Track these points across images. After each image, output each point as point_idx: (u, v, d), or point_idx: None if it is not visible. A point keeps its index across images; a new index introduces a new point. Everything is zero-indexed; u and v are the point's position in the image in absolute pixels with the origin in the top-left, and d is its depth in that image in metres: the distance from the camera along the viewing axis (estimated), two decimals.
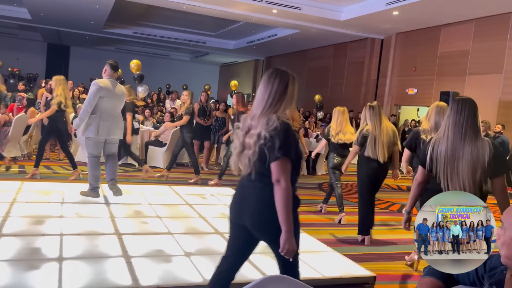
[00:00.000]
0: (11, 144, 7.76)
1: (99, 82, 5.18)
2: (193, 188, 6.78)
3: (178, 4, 12.01)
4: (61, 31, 19.07)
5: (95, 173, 5.34)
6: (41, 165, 7.41)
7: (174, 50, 23.35)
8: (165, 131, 8.74)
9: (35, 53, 22.99)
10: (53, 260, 3.35)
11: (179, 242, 4.03)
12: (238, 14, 12.75)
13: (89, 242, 3.85)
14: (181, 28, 17.64)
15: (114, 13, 14.39)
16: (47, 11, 14.96)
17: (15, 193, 5.22)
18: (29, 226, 4.11)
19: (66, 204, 5.01)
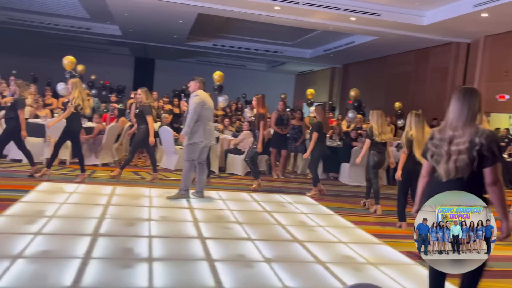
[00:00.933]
0: (104, 151, 8.40)
1: (200, 94, 5.93)
2: (272, 195, 6.86)
3: (256, 16, 12.30)
4: (147, 45, 20.32)
5: (189, 174, 5.96)
6: (129, 171, 7.94)
7: (251, 60, 23.84)
8: (244, 139, 8.96)
9: (124, 67, 24.66)
10: (143, 260, 3.59)
11: (259, 248, 4.11)
12: (315, 23, 12.75)
13: (175, 244, 4.06)
14: (258, 38, 18.00)
15: (196, 26, 15.07)
16: (135, 27, 16.04)
17: (108, 197, 5.65)
18: (121, 227, 4.43)
19: (154, 208, 5.32)
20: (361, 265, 3.93)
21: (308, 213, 5.73)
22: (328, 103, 21.28)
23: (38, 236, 3.90)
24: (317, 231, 4.95)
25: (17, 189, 5.87)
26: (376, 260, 4.06)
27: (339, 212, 6.01)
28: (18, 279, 3.01)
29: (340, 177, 9.35)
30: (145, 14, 13.51)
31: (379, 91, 17.74)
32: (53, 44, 22.55)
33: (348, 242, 4.57)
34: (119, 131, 8.86)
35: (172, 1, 11.35)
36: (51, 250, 3.61)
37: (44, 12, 15.87)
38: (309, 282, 3.43)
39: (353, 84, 17.10)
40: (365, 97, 16.43)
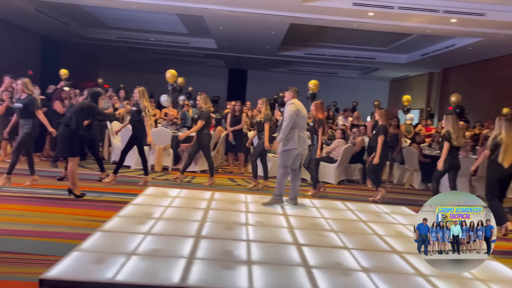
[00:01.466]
0: (202, 158, 8.86)
1: (295, 102, 6.12)
2: (366, 205, 6.73)
3: (349, 23, 12.18)
4: (241, 57, 21.05)
5: (283, 181, 6.12)
6: (225, 177, 8.29)
7: (343, 68, 23.56)
8: (336, 147, 8.89)
9: (218, 78, 25.76)
10: (243, 263, 3.74)
11: (356, 257, 4.07)
12: (412, 27, 12.28)
13: (272, 249, 4.17)
14: (350, 45, 17.76)
15: (287, 36, 15.30)
16: (230, 40, 16.73)
17: (208, 202, 5.96)
18: (221, 230, 4.65)
19: (250, 213, 5.51)
20: (468, 280, 3.70)
21: (406, 224, 5.53)
22: (425, 109, 20.26)
23: (148, 235, 4.25)
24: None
25: (127, 192, 6.44)
26: (484, 276, 3.80)
27: None
28: (133, 274, 3.31)
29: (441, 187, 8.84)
30: (239, 27, 14.05)
31: (484, 96, 16.50)
32: (155, 59, 24.35)
33: None
34: (216, 139, 9.29)
35: (265, 13, 11.68)
36: (159, 249, 3.91)
37: (148, 29, 17.21)
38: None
39: (453, 90, 16.10)
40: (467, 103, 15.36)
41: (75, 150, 5.84)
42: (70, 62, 18.71)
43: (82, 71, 20.82)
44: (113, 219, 4.73)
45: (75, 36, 18.01)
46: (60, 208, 5.38)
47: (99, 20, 16.29)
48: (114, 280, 3.17)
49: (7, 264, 3.56)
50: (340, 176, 8.94)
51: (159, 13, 14.23)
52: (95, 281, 3.13)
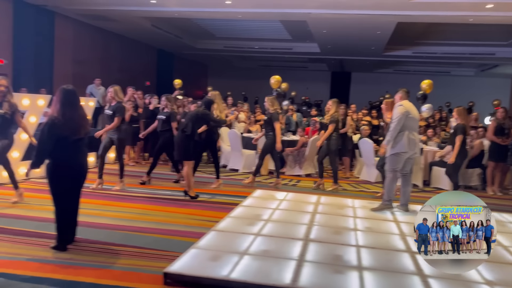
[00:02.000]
0: (307, 162, 8.91)
1: (404, 103, 5.87)
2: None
3: (463, 17, 11.35)
4: (344, 59, 20.75)
5: (392, 185, 5.92)
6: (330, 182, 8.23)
7: (456, 66, 21.98)
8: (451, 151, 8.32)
9: (321, 82, 25.66)
10: (353, 268, 3.69)
11: (478, 269, 3.78)
12: None
13: (383, 256, 4.05)
14: (464, 41, 16.52)
15: (394, 36, 14.74)
16: (333, 43, 16.59)
17: (314, 205, 5.98)
18: (329, 235, 4.64)
19: (358, 218, 5.41)
20: None
21: None
22: None
23: (258, 236, 4.40)
24: None
25: (236, 194, 6.72)
26: None
27: None
28: (246, 273, 3.46)
29: None
30: (343, 29, 13.87)
31: None
32: (259, 66, 25.05)
33: None
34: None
35: (370, 14, 11.39)
36: (270, 250, 4.03)
37: (253, 38, 17.80)
38: None
39: None
40: None
41: (190, 154, 6.25)
42: (182, 72, 20.11)
43: (192, 80, 22.24)
44: (225, 219, 4.98)
45: (187, 48, 19.28)
46: (177, 208, 5.79)
47: (208, 31, 17.24)
48: (230, 278, 3.34)
49: (135, 257, 3.93)
50: None
51: (263, 21, 14.64)
52: (212, 277, 3.33)
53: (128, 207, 5.68)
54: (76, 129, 3.92)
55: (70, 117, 3.87)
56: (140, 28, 15.17)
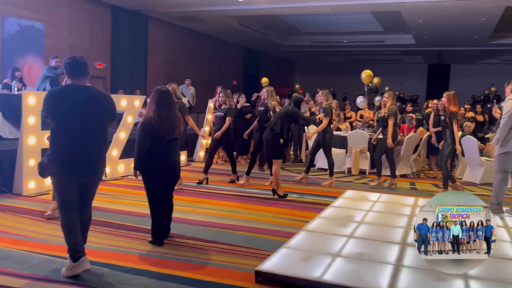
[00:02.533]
0: (402, 162, 8.56)
1: None
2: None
3: None
4: (443, 50, 19.62)
5: (502, 187, 5.51)
6: (429, 183, 7.84)
7: None
8: None
9: (416, 76, 24.53)
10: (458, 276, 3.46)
11: None
12: None
13: (492, 264, 3.75)
14: None
15: (501, 22, 13.64)
16: (430, 34, 15.77)
17: (411, 208, 5.73)
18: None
19: None
20: None
21: None
22: None
23: (351, 238, 4.32)
24: None
25: (326, 194, 6.67)
26: None
27: None
28: (340, 275, 3.41)
29: None
30: (442, 18, 13.12)
31: None
32: (347, 61, 24.59)
33: None
34: (417, 141, 8.87)
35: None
36: (364, 253, 3.93)
37: (341, 31, 17.51)
38: None
39: None
40: None
41: (280, 152, 6.32)
42: (268, 70, 20.41)
43: (279, 78, 22.46)
44: (316, 219, 4.95)
45: (273, 45, 19.52)
46: (266, 207, 5.89)
47: (294, 27, 17.30)
48: (323, 280, 3.32)
49: (227, 254, 4.07)
50: None
51: (353, 13, 14.34)
52: (305, 278, 3.33)
53: (219, 205, 5.89)
54: (171, 129, 4.14)
55: (165, 117, 4.10)
56: (228, 28, 15.64)
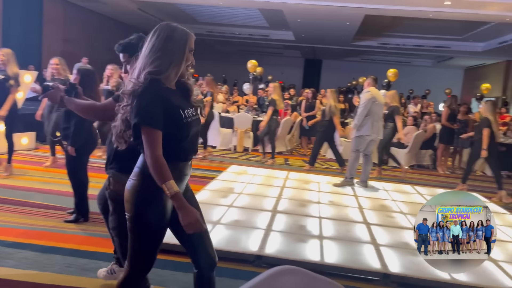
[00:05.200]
0: (279, 141, 8.91)
1: (371, 90, 5.85)
2: (435, 190, 6.36)
3: (424, 13, 11.40)
4: (316, 47, 20.66)
5: (355, 164, 5.96)
6: (300, 159, 8.27)
7: (416, 57, 22.21)
8: (407, 133, 8.47)
9: (295, 67, 25.55)
10: (315, 237, 3.74)
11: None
12: (490, 15, 11.21)
13: (342, 226, 4.12)
14: (424, 35, 16.65)
15: (362, 27, 14.72)
16: (307, 32, 16.47)
17: (284, 180, 6.01)
18: (295, 207, 4.68)
19: (322, 192, 5.46)
20: None
21: None
22: (501, 98, 18.60)
23: (230, 208, 4.40)
24: None
25: (214, 169, 6.69)
26: None
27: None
28: (218, 241, 3.45)
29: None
30: (316, 19, 13.75)
31: None
32: (238, 51, 24.73)
33: None
34: (291, 124, 9.29)
35: (341, 6, 11.30)
36: (241, 220, 4.03)
37: (232, 24, 17.48)
38: (479, 278, 3.12)
39: None
40: None
41: None
42: None
43: None
44: (201, 191, 4.95)
45: None
46: None
47: (191, 16, 16.83)
48: None
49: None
50: (410, 161, 8.53)
51: (243, 8, 14.37)
52: None
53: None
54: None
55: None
56: (128, 11, 14.69)
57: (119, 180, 2.27)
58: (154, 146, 1.65)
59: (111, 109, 1.96)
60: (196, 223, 1.67)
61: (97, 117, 2.51)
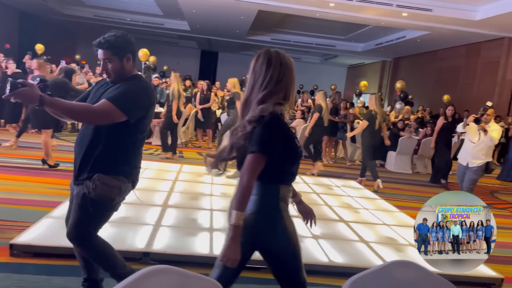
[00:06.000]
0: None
1: None
2: (321, 179, 6.83)
3: (312, 12, 12.11)
4: (212, 39, 20.64)
5: None
6: (194, 152, 8.21)
7: (306, 54, 23.57)
8: (296, 126, 8.94)
9: (191, 58, 25.24)
10: (205, 230, 3.73)
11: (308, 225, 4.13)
12: (368, 19, 12.35)
13: None
14: (313, 33, 17.74)
15: (256, 22, 15.10)
16: (202, 23, 16.34)
17: (176, 173, 5.89)
18: (187, 200, 4.61)
19: (215, 185, 5.48)
20: (403, 246, 3.86)
21: (354, 196, 5.67)
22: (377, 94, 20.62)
23: None
24: (362, 213, 4.89)
25: None
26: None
27: (384, 197, 5.89)
28: None
29: (386, 164, 9.12)
30: (211, 11, 13.72)
31: (428, 84, 16.95)
32: None
33: (391, 225, 4.49)
34: (186, 116, 9.14)
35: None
36: (128, 217, 3.84)
37: (124, 10, 16.55)
38: (353, 258, 3.43)
39: (403, 77, 16.45)
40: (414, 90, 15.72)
41: (48, 122, 5.59)
42: (48, 38, 17.83)
43: (60, 47, 19.88)
44: None
45: (53, 13, 17.13)
46: (33, 177, 5.18)
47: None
48: None
49: None
50: None
51: None
52: (63, 246, 3.03)
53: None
54: None
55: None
56: None
57: (107, 182, 2.14)
58: (255, 173, 1.69)
59: (113, 111, 2.01)
60: (234, 262, 1.67)
61: (94, 121, 2.11)
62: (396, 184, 7.23)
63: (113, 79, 2.19)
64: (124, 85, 2.15)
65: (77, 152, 2.23)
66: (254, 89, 1.76)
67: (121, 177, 2.21)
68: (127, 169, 2.25)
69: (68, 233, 2.25)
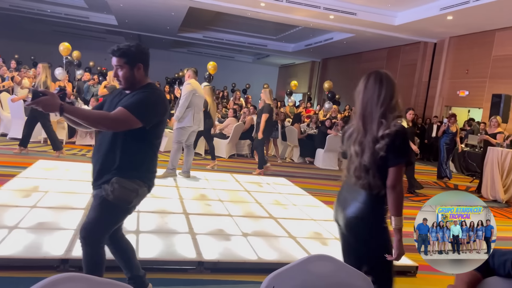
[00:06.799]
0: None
1: (192, 82, 5.89)
2: (252, 177, 6.91)
3: (243, 11, 12.19)
4: (142, 35, 19.98)
5: (177, 155, 5.98)
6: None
7: (238, 52, 23.70)
8: (229, 125, 8.96)
9: None
10: (131, 233, 3.59)
11: (237, 223, 4.16)
12: (298, 20, 12.71)
13: (161, 219, 4.07)
14: (245, 32, 17.87)
15: (187, 19, 14.87)
16: (131, 18, 15.75)
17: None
18: None
19: None
20: (328, 240, 4.02)
21: (284, 193, 5.80)
22: (306, 94, 21.33)
23: (33, 209, 3.87)
24: (291, 209, 5.02)
25: (15, 165, 5.80)
26: None
27: (312, 193, 6.10)
28: (14, 248, 3.00)
29: (315, 161, 9.45)
30: (140, 6, 13.27)
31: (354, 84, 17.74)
32: (53, 31, 22.03)
33: (318, 220, 4.65)
34: None
35: None
36: (46, 222, 3.58)
37: (44, 0, 15.45)
38: (281, 254, 3.50)
39: (331, 77, 17.16)
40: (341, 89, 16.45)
41: None
42: None
43: None
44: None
45: None
46: None
47: None
48: None
49: None
50: (231, 151, 9.05)
51: None
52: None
53: None
54: None
55: None
56: None
57: (125, 185, 2.21)
58: (401, 181, 1.95)
59: (129, 119, 2.10)
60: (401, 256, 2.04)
61: (111, 128, 2.15)
62: (324, 180, 7.51)
63: (124, 86, 2.29)
64: (139, 93, 2.24)
65: (95, 159, 2.31)
66: (368, 105, 2.01)
67: (138, 181, 2.28)
68: (143, 173, 2.33)
69: (81, 230, 2.34)
